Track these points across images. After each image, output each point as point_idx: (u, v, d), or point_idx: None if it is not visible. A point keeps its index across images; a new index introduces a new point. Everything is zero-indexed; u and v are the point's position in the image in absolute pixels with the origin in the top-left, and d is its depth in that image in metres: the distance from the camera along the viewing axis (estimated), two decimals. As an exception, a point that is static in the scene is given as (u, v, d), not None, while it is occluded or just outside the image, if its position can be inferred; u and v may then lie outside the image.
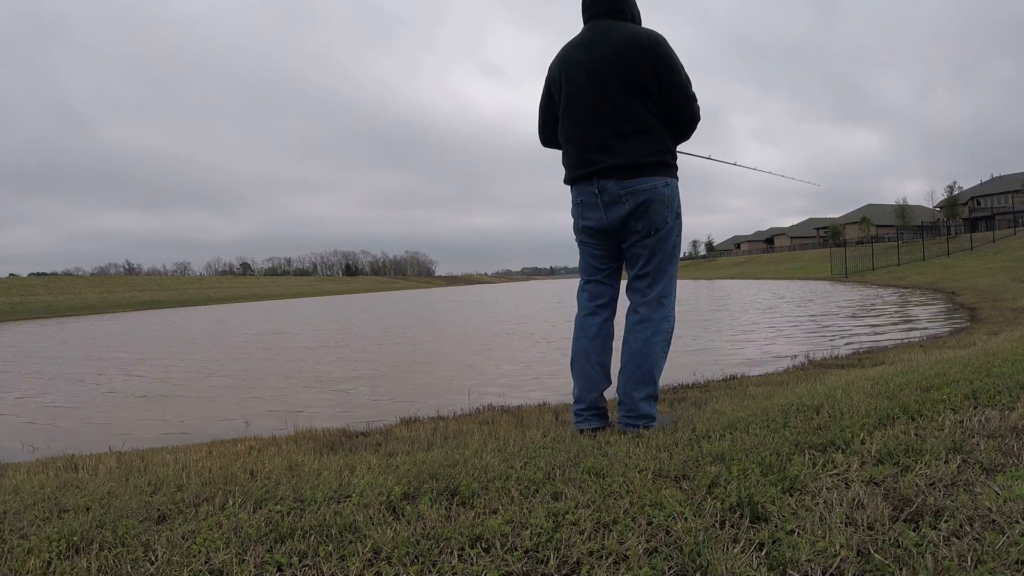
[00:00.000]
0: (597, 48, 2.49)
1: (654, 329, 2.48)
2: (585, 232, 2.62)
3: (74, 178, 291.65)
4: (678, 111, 2.48)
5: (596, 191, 2.49)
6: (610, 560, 1.28)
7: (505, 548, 1.37)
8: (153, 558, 1.43)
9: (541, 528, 1.44)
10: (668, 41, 2.45)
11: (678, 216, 2.55)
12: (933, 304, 14.35)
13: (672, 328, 2.54)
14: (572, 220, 2.67)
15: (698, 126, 2.55)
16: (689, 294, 25.79)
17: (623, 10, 2.54)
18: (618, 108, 2.46)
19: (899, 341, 7.71)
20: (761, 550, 1.27)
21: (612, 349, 2.63)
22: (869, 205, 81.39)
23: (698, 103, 2.51)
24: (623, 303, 2.67)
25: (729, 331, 10.61)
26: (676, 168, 2.55)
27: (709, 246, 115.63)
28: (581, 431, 2.57)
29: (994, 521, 1.28)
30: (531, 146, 2.65)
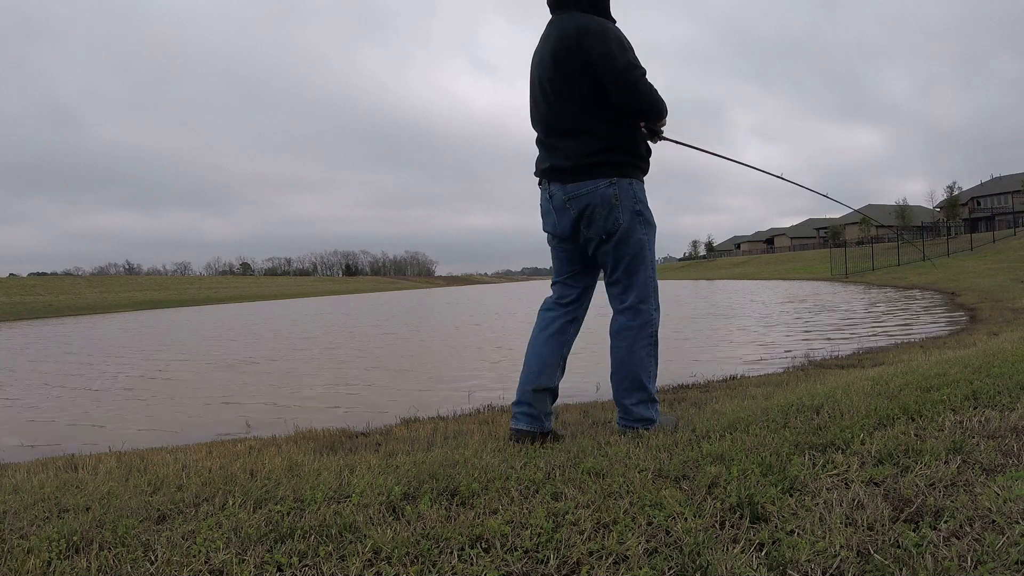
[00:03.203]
0: (541, 47, 2.45)
1: (635, 336, 2.42)
2: (548, 234, 2.58)
3: (68, 177, 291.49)
4: (621, 99, 2.31)
5: (548, 196, 2.46)
6: (610, 560, 1.28)
7: (505, 548, 1.37)
8: (153, 558, 1.43)
9: (541, 528, 1.44)
10: (601, 27, 2.31)
11: (638, 215, 2.41)
12: (933, 304, 14.35)
13: (655, 331, 2.47)
14: None
15: (656, 106, 2.35)
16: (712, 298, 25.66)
17: (571, 1, 2.41)
18: (559, 108, 2.40)
19: (899, 341, 7.72)
20: (761, 550, 1.27)
21: (563, 346, 2.51)
22: (869, 205, 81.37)
23: (644, 84, 2.31)
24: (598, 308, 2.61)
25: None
26: (631, 166, 2.41)
27: (709, 246, 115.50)
28: (511, 430, 2.47)
29: (994, 521, 1.28)
30: (529, 145, 2.62)
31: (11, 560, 1.47)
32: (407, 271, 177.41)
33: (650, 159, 2.53)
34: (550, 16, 2.48)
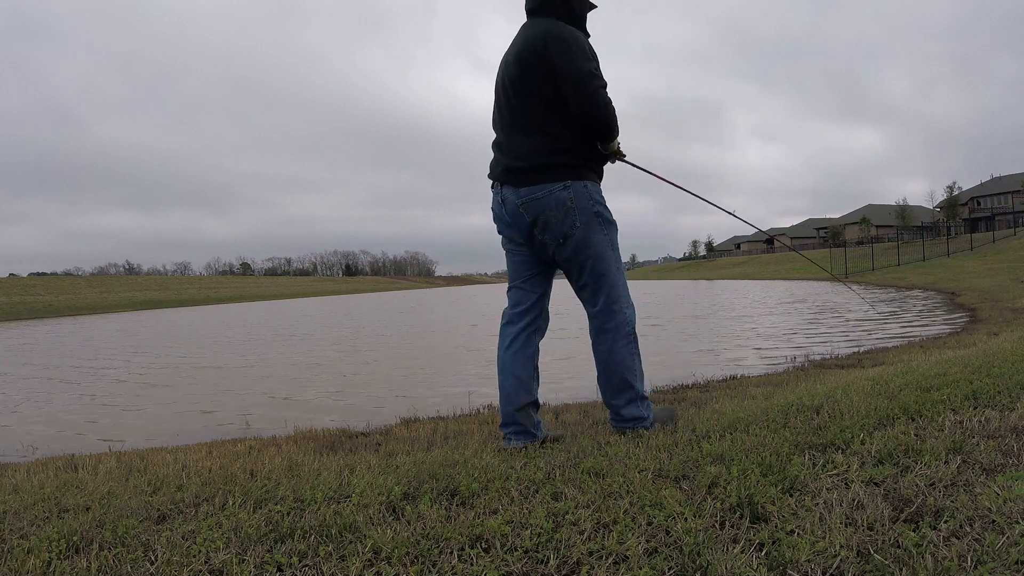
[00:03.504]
0: (510, 49, 2.44)
1: (613, 337, 2.39)
2: (503, 237, 2.53)
3: (68, 177, 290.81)
4: (577, 107, 2.29)
5: (501, 200, 2.41)
6: (610, 560, 1.28)
7: (505, 548, 1.37)
8: (153, 558, 1.43)
9: (541, 528, 1.44)
10: (570, 35, 2.30)
11: (597, 215, 2.37)
12: (933, 304, 14.35)
13: (632, 328, 2.42)
14: None
15: (610, 120, 2.35)
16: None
17: (543, 7, 2.40)
18: (519, 111, 2.37)
19: (899, 341, 7.72)
20: (761, 550, 1.27)
21: (532, 358, 2.48)
22: (869, 205, 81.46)
23: (603, 95, 2.30)
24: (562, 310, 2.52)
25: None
26: (585, 168, 2.37)
27: (709, 246, 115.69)
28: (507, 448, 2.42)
29: (994, 521, 1.28)
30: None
31: (11, 560, 1.47)
32: (407, 271, 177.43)
33: (605, 164, 2.48)
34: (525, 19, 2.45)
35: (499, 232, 2.53)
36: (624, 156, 2.51)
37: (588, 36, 2.44)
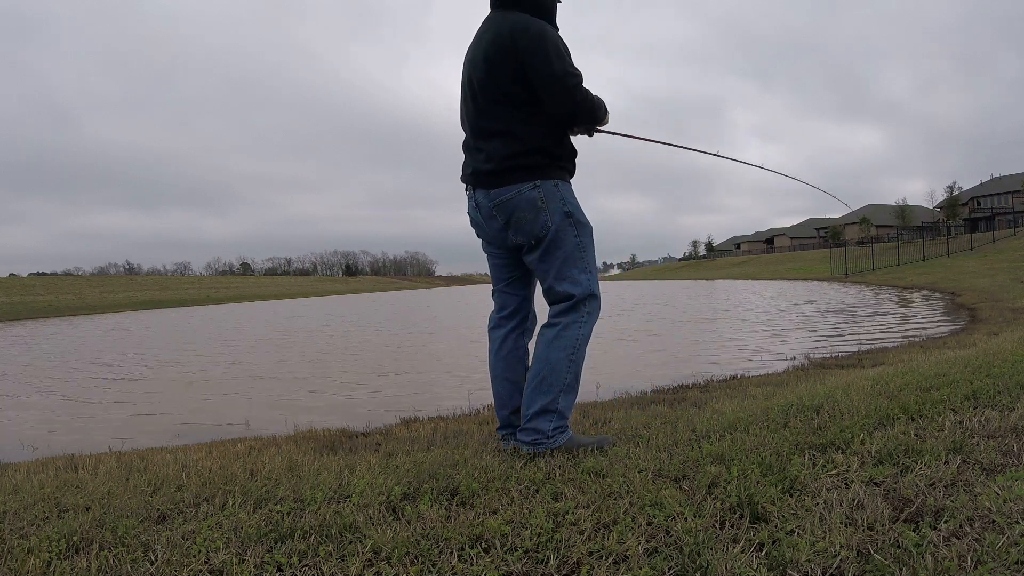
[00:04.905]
0: (474, 46, 2.35)
1: (556, 333, 2.25)
2: (482, 240, 2.50)
3: (67, 176, 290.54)
4: (556, 107, 2.23)
5: (475, 204, 2.37)
6: (610, 560, 1.28)
7: (505, 548, 1.37)
8: (153, 558, 1.43)
9: (541, 528, 1.44)
10: (539, 29, 2.22)
11: (568, 215, 2.27)
12: (933, 305, 14.35)
13: (581, 335, 2.26)
14: None
15: (591, 111, 2.28)
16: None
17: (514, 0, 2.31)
18: (486, 109, 2.30)
19: (899, 341, 7.72)
20: (761, 550, 1.27)
21: (522, 360, 2.44)
22: (869, 205, 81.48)
23: (580, 92, 2.22)
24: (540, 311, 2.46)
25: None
26: (555, 167, 2.30)
27: (709, 246, 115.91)
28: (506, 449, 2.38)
29: (994, 521, 1.28)
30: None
31: (11, 560, 1.47)
32: (407, 271, 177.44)
33: (575, 160, 2.43)
34: (489, 12, 2.37)
35: (477, 236, 2.49)
36: (602, 128, 2.43)
37: (557, 29, 2.35)
